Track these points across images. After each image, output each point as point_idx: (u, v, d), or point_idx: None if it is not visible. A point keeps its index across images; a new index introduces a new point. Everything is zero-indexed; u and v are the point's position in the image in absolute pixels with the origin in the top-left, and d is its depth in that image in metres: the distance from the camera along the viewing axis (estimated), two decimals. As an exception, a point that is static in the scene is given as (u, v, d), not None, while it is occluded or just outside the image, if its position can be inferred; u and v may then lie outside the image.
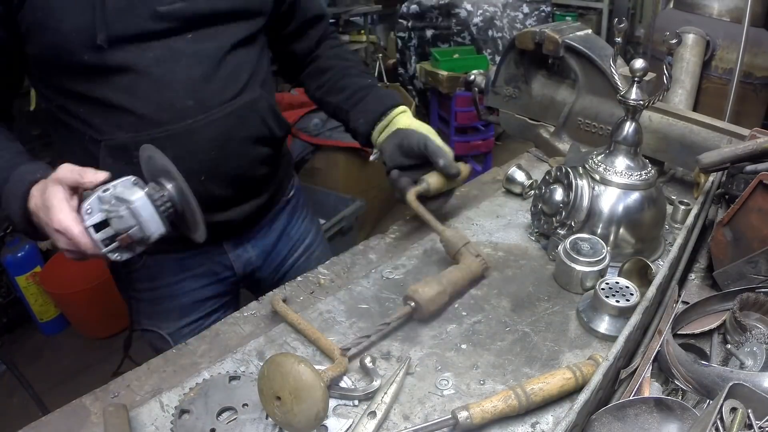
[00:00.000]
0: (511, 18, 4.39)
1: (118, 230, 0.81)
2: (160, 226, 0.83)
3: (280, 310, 0.94)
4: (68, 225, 0.80)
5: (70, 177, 0.83)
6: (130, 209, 0.80)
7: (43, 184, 0.85)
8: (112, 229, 0.82)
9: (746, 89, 2.47)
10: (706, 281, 1.00)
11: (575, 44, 1.31)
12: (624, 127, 1.03)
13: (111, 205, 0.81)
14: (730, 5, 2.50)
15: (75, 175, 0.83)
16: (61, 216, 0.80)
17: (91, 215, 0.81)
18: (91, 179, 0.83)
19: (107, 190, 0.82)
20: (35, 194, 0.86)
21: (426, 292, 0.90)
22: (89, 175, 0.83)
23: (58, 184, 0.82)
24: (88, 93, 0.97)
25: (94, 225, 0.81)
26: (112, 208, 0.81)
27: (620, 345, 0.71)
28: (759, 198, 0.91)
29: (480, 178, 1.43)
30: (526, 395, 0.74)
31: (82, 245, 0.81)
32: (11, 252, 2.60)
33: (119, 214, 0.80)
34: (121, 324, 2.86)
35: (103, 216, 0.81)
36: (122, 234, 0.81)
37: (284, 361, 0.69)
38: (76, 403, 0.81)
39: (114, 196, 0.81)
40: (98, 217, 0.81)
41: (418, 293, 0.89)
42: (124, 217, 0.80)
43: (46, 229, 0.84)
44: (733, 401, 0.58)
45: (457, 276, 0.96)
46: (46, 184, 0.84)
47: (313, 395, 0.68)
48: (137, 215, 0.81)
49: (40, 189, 0.85)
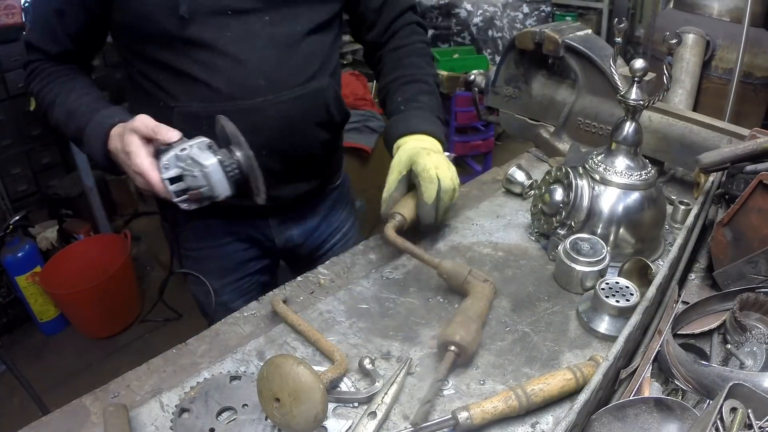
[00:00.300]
0: (511, 18, 4.39)
1: (190, 186, 0.92)
2: (227, 188, 0.93)
3: (280, 311, 0.94)
4: (145, 169, 0.91)
5: (144, 130, 0.92)
6: (203, 172, 0.91)
7: (122, 129, 0.95)
8: (185, 184, 0.92)
9: (746, 89, 2.47)
10: (706, 281, 1.00)
11: (575, 44, 1.31)
12: (624, 127, 1.03)
13: (187, 164, 0.91)
14: (730, 5, 2.50)
15: (149, 130, 0.92)
16: (138, 161, 0.91)
17: (168, 169, 0.91)
18: (164, 137, 0.92)
19: (184, 150, 0.91)
20: (114, 137, 0.97)
21: (467, 335, 0.82)
22: (163, 132, 0.92)
23: (134, 133, 0.92)
24: (168, 62, 1.05)
25: (170, 178, 0.92)
26: (188, 167, 0.91)
27: (620, 345, 0.71)
28: (759, 198, 0.91)
29: (480, 178, 1.43)
30: (526, 396, 0.74)
31: (156, 188, 0.92)
32: (11, 252, 2.60)
33: (193, 174, 0.91)
34: (121, 324, 2.86)
35: (179, 172, 0.92)
36: (194, 190, 0.92)
37: (283, 363, 0.69)
38: (76, 403, 0.81)
39: (189, 156, 0.91)
40: (174, 172, 0.92)
41: (461, 336, 0.81)
42: (197, 177, 0.91)
43: (125, 168, 0.97)
44: (733, 401, 0.58)
45: (481, 307, 0.89)
46: (124, 129, 0.94)
47: (312, 397, 0.68)
48: (209, 178, 0.91)
49: (119, 133, 0.96)
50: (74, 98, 1.07)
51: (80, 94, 1.08)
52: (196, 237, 1.28)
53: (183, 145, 0.92)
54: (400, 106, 1.20)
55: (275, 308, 0.95)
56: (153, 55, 1.05)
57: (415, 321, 0.94)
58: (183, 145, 0.92)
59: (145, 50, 1.06)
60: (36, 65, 1.12)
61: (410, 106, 1.20)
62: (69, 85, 1.10)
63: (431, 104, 1.22)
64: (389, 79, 1.27)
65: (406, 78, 1.25)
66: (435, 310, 0.96)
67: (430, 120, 1.17)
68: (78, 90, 1.09)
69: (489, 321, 0.93)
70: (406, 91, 1.23)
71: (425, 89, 1.24)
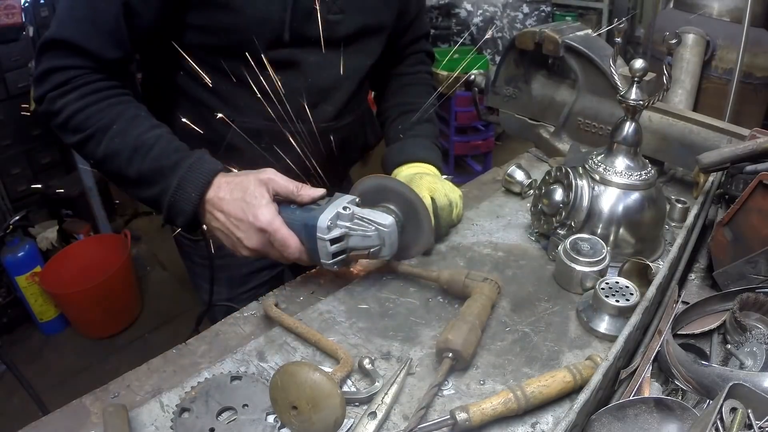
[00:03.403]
0: (511, 18, 4.39)
1: (356, 247, 0.88)
2: (395, 249, 0.90)
3: (274, 315, 0.93)
4: (278, 226, 0.85)
5: (284, 185, 0.88)
6: (380, 231, 0.87)
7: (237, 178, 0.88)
8: (345, 244, 0.88)
9: (746, 89, 2.47)
10: (706, 281, 1.00)
11: (575, 44, 1.31)
12: (624, 127, 1.02)
13: (353, 224, 0.87)
14: (730, 5, 2.50)
15: (291, 186, 0.87)
16: (269, 215, 0.85)
17: (332, 230, 0.86)
18: (309, 194, 0.87)
19: (347, 209, 0.87)
20: (222, 185, 0.88)
21: (457, 337, 0.81)
22: (306, 190, 0.88)
23: (263, 186, 0.86)
24: (244, 77, 1.00)
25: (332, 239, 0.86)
26: (357, 226, 0.87)
27: (620, 345, 0.71)
28: (759, 198, 0.91)
29: (480, 178, 1.43)
30: (525, 397, 0.73)
31: (291, 246, 0.86)
32: (11, 252, 2.60)
33: (366, 234, 0.87)
34: (121, 324, 2.86)
35: (344, 232, 0.87)
36: (360, 251, 0.88)
37: (298, 371, 0.69)
38: (76, 403, 0.80)
39: (356, 215, 0.88)
40: (338, 232, 0.87)
41: (450, 341, 0.80)
42: (371, 237, 0.87)
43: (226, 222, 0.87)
44: (733, 401, 0.58)
45: (477, 307, 0.88)
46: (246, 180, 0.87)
47: (331, 403, 0.69)
48: (386, 237, 0.88)
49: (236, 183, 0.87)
50: (143, 130, 0.90)
51: (150, 125, 0.91)
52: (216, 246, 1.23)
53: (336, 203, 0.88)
54: (399, 135, 1.25)
55: (268, 313, 0.93)
56: (227, 67, 1.00)
57: (415, 321, 0.94)
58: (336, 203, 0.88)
59: (218, 61, 1.00)
60: (71, 75, 0.88)
61: (408, 134, 1.25)
62: (129, 111, 0.91)
63: (428, 132, 1.27)
64: (390, 105, 1.33)
65: (406, 107, 1.30)
66: (435, 310, 0.96)
67: (427, 147, 1.23)
68: (144, 119, 0.92)
69: (489, 321, 0.93)
70: (405, 120, 1.28)
71: (423, 117, 1.29)
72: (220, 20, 0.95)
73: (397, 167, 1.18)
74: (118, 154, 0.89)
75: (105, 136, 0.89)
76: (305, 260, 0.91)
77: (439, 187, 1.09)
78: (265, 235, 0.87)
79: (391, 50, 1.29)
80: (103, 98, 0.90)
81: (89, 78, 0.90)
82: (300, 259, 0.90)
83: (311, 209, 0.89)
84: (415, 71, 1.36)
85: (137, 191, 0.93)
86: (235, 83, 1.03)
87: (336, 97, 1.12)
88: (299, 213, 0.90)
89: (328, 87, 1.10)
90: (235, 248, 0.92)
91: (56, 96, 0.89)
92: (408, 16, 1.27)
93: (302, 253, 0.89)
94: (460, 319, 0.85)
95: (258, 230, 0.86)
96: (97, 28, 0.87)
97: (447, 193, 1.10)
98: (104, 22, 0.87)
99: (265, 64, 1.00)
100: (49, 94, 0.90)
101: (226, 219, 0.88)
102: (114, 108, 0.90)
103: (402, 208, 0.97)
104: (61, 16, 0.89)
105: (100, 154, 0.90)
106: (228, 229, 0.89)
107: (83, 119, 0.89)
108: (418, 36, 1.35)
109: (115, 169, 0.91)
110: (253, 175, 0.88)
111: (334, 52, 1.07)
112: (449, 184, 1.14)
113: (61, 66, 0.88)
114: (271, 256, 0.92)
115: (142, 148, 0.89)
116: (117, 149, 0.89)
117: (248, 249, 0.90)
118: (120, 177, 0.92)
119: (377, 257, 0.92)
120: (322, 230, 0.86)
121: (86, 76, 0.89)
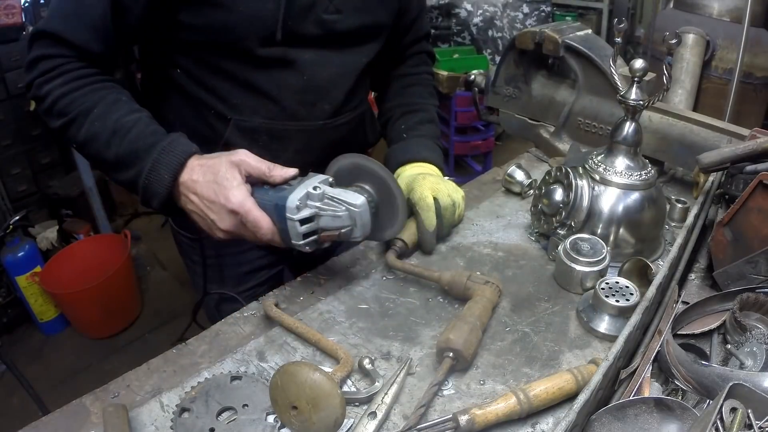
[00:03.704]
0: (511, 18, 4.39)
1: (327, 227, 0.85)
2: (368, 230, 0.87)
3: (274, 315, 0.93)
4: (249, 207, 0.84)
5: (256, 166, 0.86)
6: (351, 211, 0.84)
7: (210, 161, 0.87)
8: (316, 225, 0.85)
9: (746, 89, 2.47)
10: (706, 281, 1.00)
11: (575, 44, 1.31)
12: (624, 127, 1.03)
13: (324, 203, 0.84)
14: (730, 5, 2.50)
15: (263, 166, 0.86)
16: (240, 196, 0.84)
17: (300, 210, 0.84)
18: (280, 174, 0.86)
19: (317, 188, 0.85)
20: (195, 168, 0.88)
21: (458, 337, 0.81)
22: (278, 170, 0.86)
23: (235, 167, 0.85)
24: (239, 74, 1.02)
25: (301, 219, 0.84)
26: (327, 206, 0.84)
27: (620, 345, 0.71)
28: (759, 198, 0.91)
29: (480, 178, 1.43)
30: (529, 401, 0.73)
31: (263, 227, 0.85)
32: (11, 252, 2.60)
33: (336, 214, 0.84)
34: (121, 324, 2.86)
35: (314, 212, 0.85)
36: (331, 231, 0.85)
37: (299, 371, 0.69)
38: (76, 403, 0.80)
39: (327, 195, 0.84)
40: (308, 212, 0.84)
41: (451, 341, 0.81)
42: (341, 217, 0.84)
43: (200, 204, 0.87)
44: (733, 401, 0.58)
45: (478, 309, 0.88)
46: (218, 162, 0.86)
47: (331, 403, 0.69)
48: (357, 217, 0.84)
49: (208, 165, 0.87)
50: (122, 114, 0.92)
51: (129, 109, 0.93)
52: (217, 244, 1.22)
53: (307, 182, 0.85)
54: (402, 134, 1.25)
55: (268, 313, 0.94)
56: (222, 65, 1.01)
57: (415, 321, 0.94)
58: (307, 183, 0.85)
59: (213, 59, 1.00)
60: (57, 62, 0.91)
61: (411, 134, 1.25)
62: (111, 96, 0.93)
63: (430, 132, 1.27)
64: (392, 105, 1.33)
65: (408, 107, 1.30)
66: (435, 310, 0.96)
67: (429, 147, 1.22)
68: (124, 104, 0.94)
69: (489, 321, 0.93)
70: (407, 120, 1.27)
71: (426, 118, 1.29)
72: (212, 18, 0.95)
73: (401, 167, 1.18)
74: (98, 137, 0.91)
75: (86, 119, 0.91)
76: (278, 242, 0.89)
77: (443, 188, 1.09)
78: (237, 216, 0.86)
79: (392, 51, 1.28)
80: (87, 84, 0.93)
81: (74, 65, 0.92)
82: (273, 241, 0.89)
83: (283, 189, 0.87)
84: (417, 72, 1.36)
85: (116, 174, 0.94)
86: (231, 81, 1.03)
87: (333, 95, 1.11)
88: (271, 193, 0.88)
89: (325, 85, 1.09)
90: (210, 230, 0.92)
91: (42, 82, 0.92)
92: (409, 16, 1.27)
93: (275, 234, 0.88)
94: (461, 319, 0.85)
95: (230, 212, 0.86)
96: (84, 23, 0.91)
97: (450, 193, 1.10)
98: (90, 18, 0.91)
99: (260, 62, 1.00)
100: (36, 80, 0.93)
101: (199, 201, 0.88)
102: (96, 93, 0.93)
103: (376, 188, 0.94)
104: (51, 10, 0.94)
105: (81, 138, 0.92)
106: (202, 211, 0.89)
107: (67, 103, 0.92)
108: (419, 36, 1.35)
109: (95, 152, 0.93)
110: (225, 157, 0.88)
111: (330, 50, 1.07)
112: (452, 185, 1.14)
113: (48, 54, 0.91)
114: (246, 238, 0.91)
115: (120, 131, 0.90)
116: (97, 132, 0.91)
117: (222, 231, 0.90)
118: (100, 160, 0.94)
119: (349, 238, 0.89)
120: (291, 210, 0.84)
121: (71, 64, 0.92)
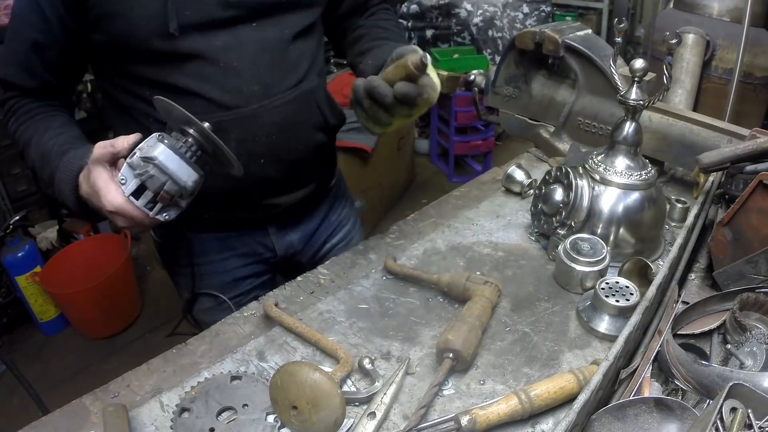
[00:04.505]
0: (511, 18, 4.39)
1: (155, 190, 0.82)
2: (191, 173, 0.83)
3: (274, 315, 0.93)
4: (120, 204, 0.82)
5: (104, 152, 0.84)
6: (157, 165, 0.80)
7: (87, 170, 0.88)
8: (150, 191, 0.82)
9: (746, 89, 2.47)
10: (706, 281, 1.00)
11: (575, 44, 1.31)
12: (624, 127, 1.03)
13: (140, 168, 0.81)
14: (730, 5, 2.50)
15: (108, 148, 0.84)
16: (110, 197, 0.83)
17: (126, 184, 0.81)
18: (122, 145, 0.84)
19: (134, 154, 0.81)
20: (82, 181, 0.89)
21: (458, 337, 0.81)
22: (120, 142, 0.84)
23: (99, 165, 0.85)
24: (157, 78, 1.01)
25: (133, 193, 0.82)
26: (142, 170, 0.81)
27: (620, 345, 0.71)
28: (759, 198, 0.91)
29: (480, 178, 1.43)
30: (531, 403, 0.73)
31: (138, 219, 0.84)
32: (11, 252, 2.60)
33: (149, 174, 0.80)
34: (121, 324, 2.86)
35: (138, 181, 0.81)
36: (160, 193, 0.82)
37: (298, 371, 0.70)
38: (76, 403, 0.81)
39: (140, 158, 0.81)
40: (133, 184, 0.81)
41: (450, 342, 0.81)
42: (154, 175, 0.80)
43: (102, 212, 0.87)
44: (733, 401, 0.58)
45: (478, 309, 0.88)
46: (89, 169, 0.87)
47: (331, 403, 0.69)
48: (165, 169, 0.80)
49: (85, 175, 0.88)
50: (48, 138, 0.99)
51: (55, 133, 1.00)
52: (190, 253, 1.23)
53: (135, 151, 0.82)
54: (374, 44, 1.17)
55: (268, 312, 0.94)
56: (139, 73, 1.01)
57: (415, 321, 0.94)
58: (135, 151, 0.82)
59: (129, 68, 1.01)
60: (13, 102, 1.05)
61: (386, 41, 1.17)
62: (45, 123, 1.03)
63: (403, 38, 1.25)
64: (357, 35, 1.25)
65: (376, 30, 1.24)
66: (435, 310, 0.96)
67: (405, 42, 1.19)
68: (53, 129, 1.01)
69: (489, 321, 0.93)
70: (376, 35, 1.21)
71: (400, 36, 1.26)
72: (115, 29, 0.95)
73: None
74: (35, 163, 1.00)
75: (29, 149, 1.01)
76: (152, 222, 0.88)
77: None
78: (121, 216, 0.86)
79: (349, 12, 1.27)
80: (31, 117, 1.04)
81: (21, 102, 1.05)
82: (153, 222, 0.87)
83: None
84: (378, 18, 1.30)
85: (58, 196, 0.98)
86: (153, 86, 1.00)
87: (258, 76, 1.05)
88: None
89: (247, 66, 1.04)
90: None
91: (5, 121, 1.07)
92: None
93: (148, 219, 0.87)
94: (461, 319, 0.85)
95: (114, 215, 0.86)
96: (17, 64, 1.02)
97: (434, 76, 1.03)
98: (17, 59, 1.01)
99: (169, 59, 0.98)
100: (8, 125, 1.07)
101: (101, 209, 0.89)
102: (37, 123, 1.03)
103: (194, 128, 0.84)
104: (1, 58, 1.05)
105: (30, 165, 1.03)
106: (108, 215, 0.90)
107: (18, 136, 1.04)
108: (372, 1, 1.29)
109: (41, 176, 1.01)
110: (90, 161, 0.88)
111: (245, 29, 1.03)
112: None
113: (7, 97, 1.06)
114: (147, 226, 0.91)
115: (44, 156, 0.98)
116: (34, 159, 1.00)
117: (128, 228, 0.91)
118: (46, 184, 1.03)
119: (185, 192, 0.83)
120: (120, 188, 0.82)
121: (19, 102, 1.05)
